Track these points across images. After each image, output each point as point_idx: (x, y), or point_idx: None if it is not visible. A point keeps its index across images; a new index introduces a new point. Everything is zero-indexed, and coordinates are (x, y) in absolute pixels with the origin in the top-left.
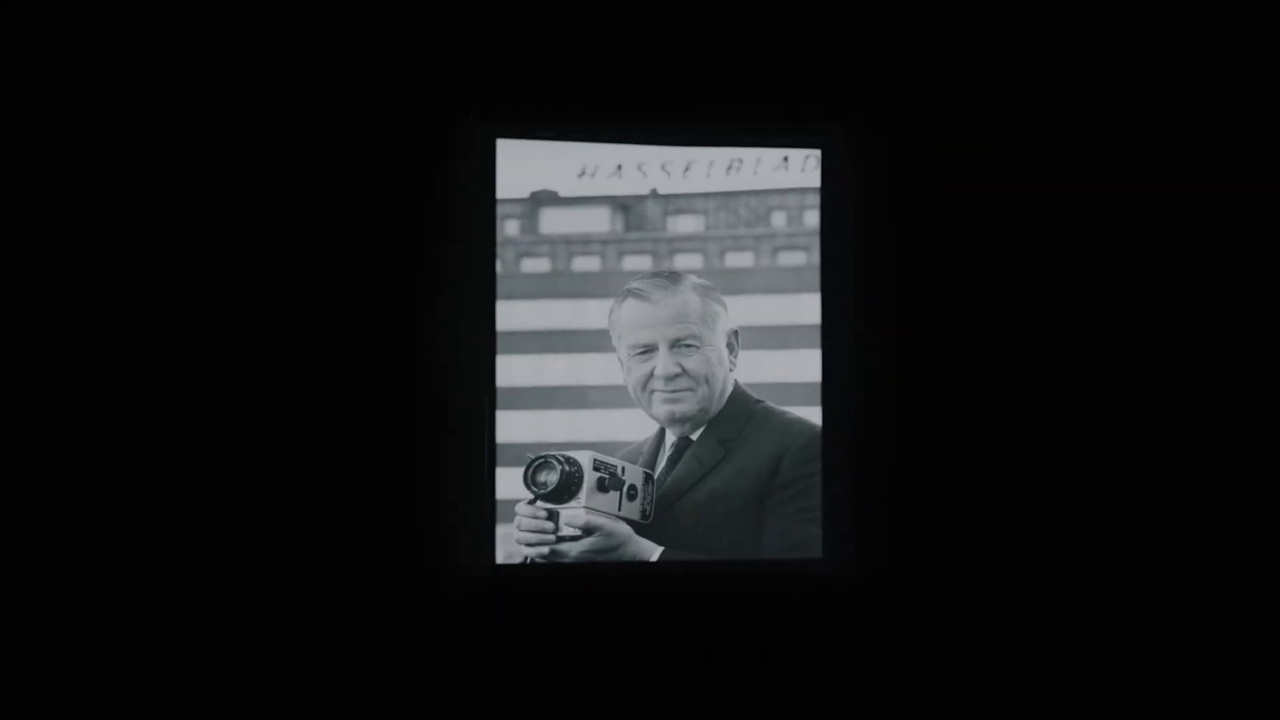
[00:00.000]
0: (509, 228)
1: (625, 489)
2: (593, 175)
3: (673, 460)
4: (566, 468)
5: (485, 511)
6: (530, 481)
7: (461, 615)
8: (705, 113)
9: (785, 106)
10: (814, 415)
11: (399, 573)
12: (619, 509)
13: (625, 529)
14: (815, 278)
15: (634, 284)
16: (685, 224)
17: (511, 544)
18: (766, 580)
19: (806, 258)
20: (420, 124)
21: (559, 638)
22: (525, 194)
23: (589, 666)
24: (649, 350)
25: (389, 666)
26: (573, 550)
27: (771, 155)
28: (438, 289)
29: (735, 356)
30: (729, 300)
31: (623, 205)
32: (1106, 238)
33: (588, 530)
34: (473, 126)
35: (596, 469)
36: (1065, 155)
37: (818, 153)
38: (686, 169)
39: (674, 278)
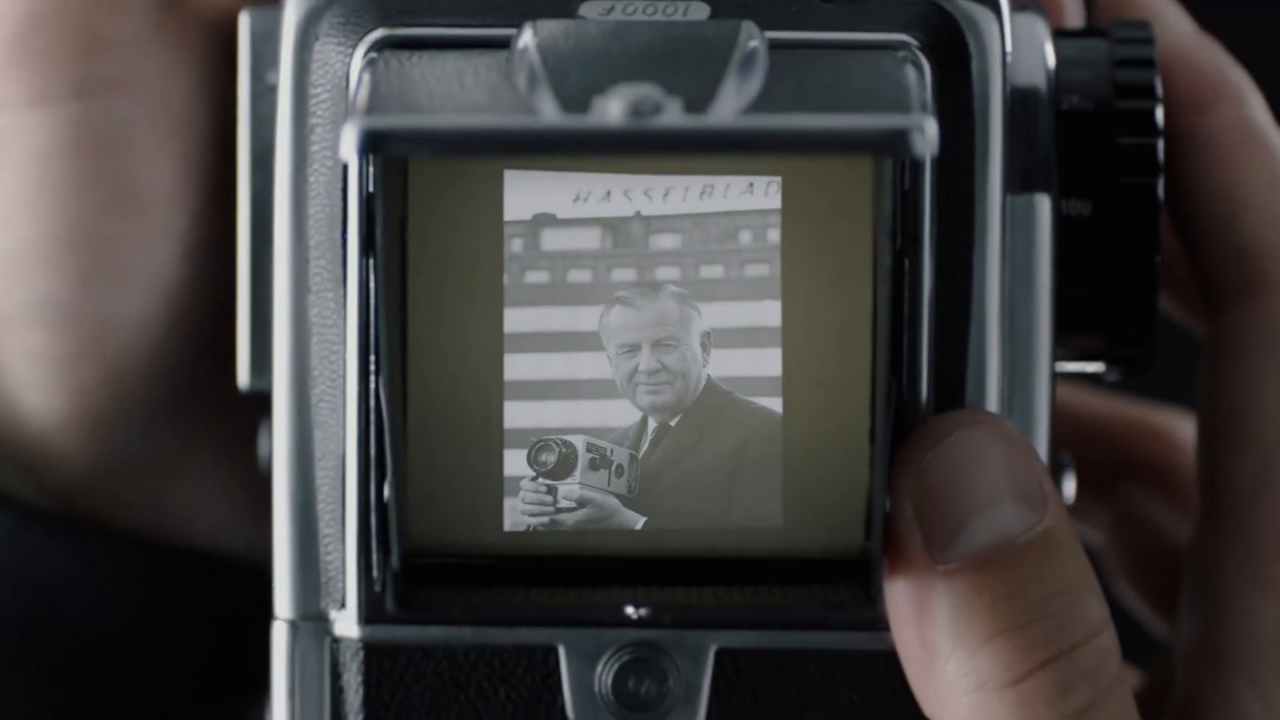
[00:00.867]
0: (514, 246)
1: (613, 467)
2: (585, 200)
3: (654, 443)
4: (563, 449)
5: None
6: (532, 461)
7: None
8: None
9: None
10: (775, 405)
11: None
12: (608, 485)
13: (614, 502)
14: (777, 287)
15: (620, 293)
16: (664, 241)
17: (517, 514)
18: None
19: (769, 269)
20: None
21: None
22: (528, 216)
23: None
24: (634, 349)
25: None
26: (568, 520)
27: (739, 181)
28: None
29: (708, 355)
30: (702, 306)
31: (611, 225)
32: None
33: (581, 503)
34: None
35: (589, 451)
36: None
37: (779, 179)
38: (665, 194)
39: (655, 287)
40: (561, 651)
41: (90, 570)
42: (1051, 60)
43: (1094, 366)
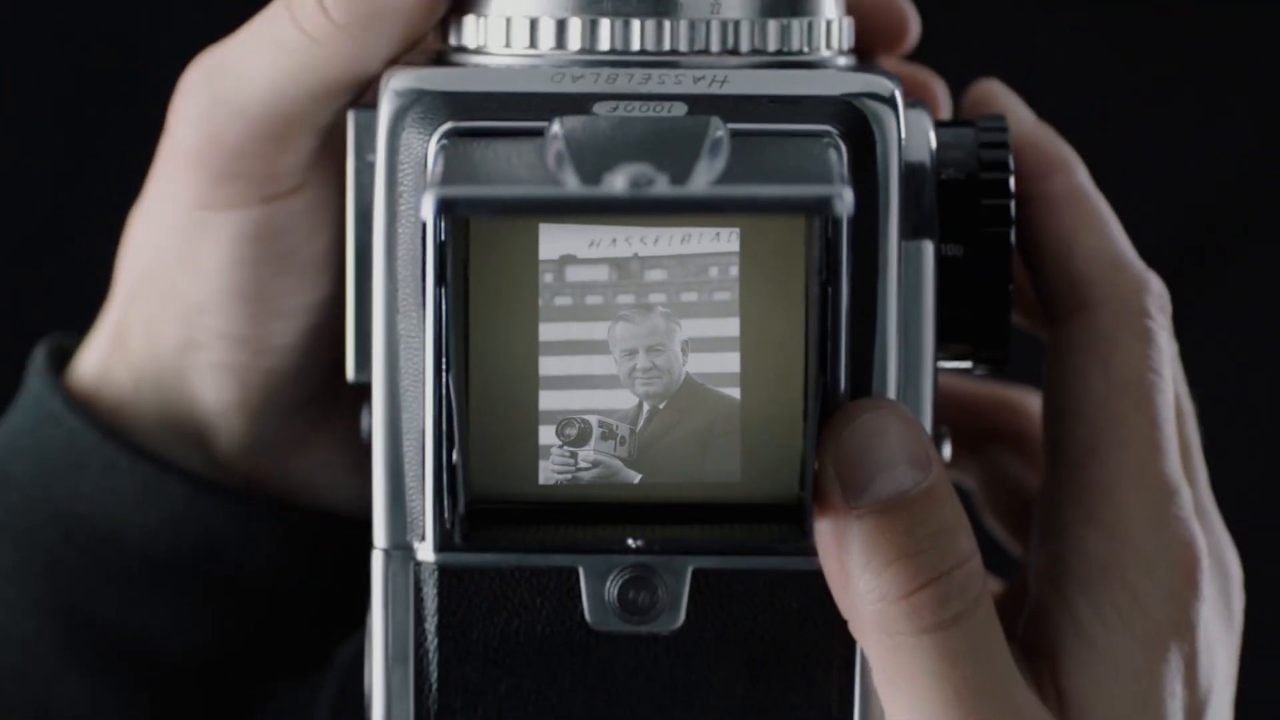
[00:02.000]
0: (547, 278)
1: (618, 439)
2: (598, 245)
3: (647, 421)
4: (582, 425)
5: None
6: (560, 434)
7: None
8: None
9: None
10: (734, 393)
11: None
12: (614, 451)
13: (618, 464)
14: (736, 308)
15: (623, 312)
16: (654, 274)
17: (548, 472)
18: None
19: (730, 295)
20: None
21: None
22: (556, 256)
23: None
24: (633, 353)
25: None
26: (585, 476)
27: (709, 231)
28: None
29: (686, 357)
30: (682, 322)
31: (616, 264)
32: None
33: (595, 464)
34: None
35: (600, 426)
36: None
37: (738, 229)
38: (655, 240)
39: (648, 308)
40: (580, 572)
41: (244, 522)
42: (933, 143)
43: (965, 365)
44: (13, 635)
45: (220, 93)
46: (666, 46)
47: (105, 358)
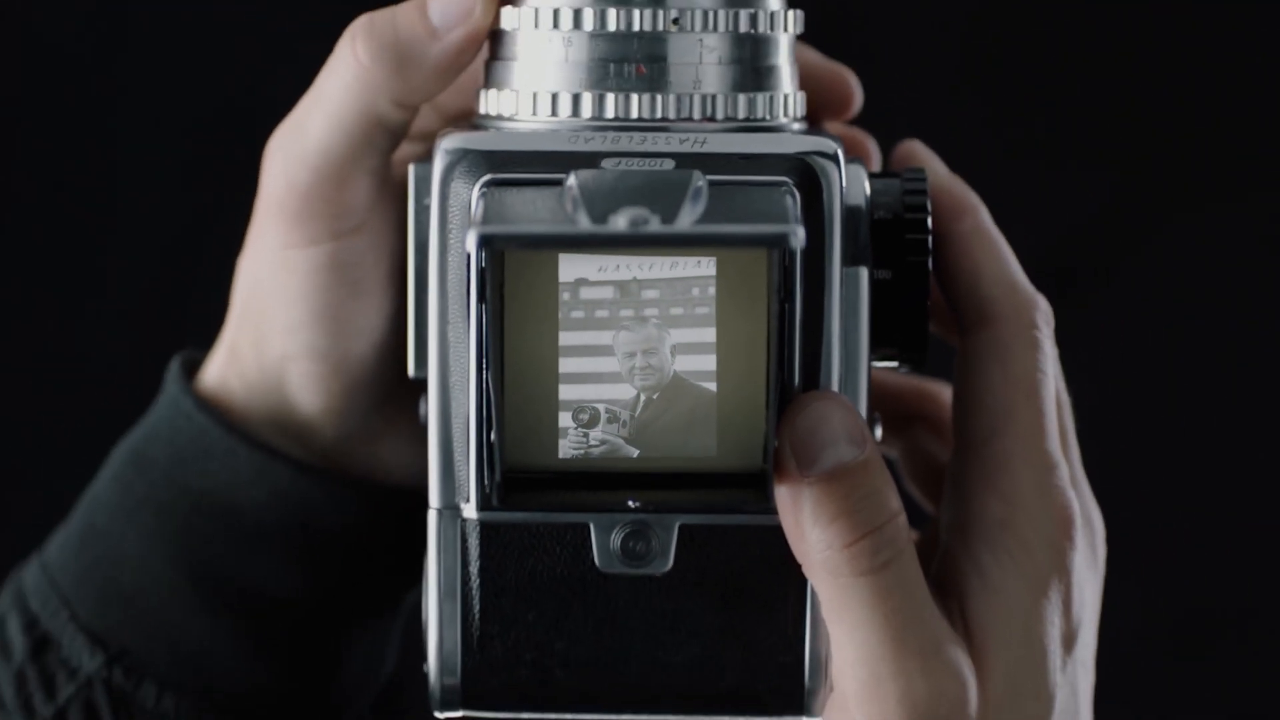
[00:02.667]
0: (565, 296)
1: (621, 422)
2: (605, 270)
3: (644, 409)
4: (593, 411)
5: None
6: (575, 418)
7: None
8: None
9: None
10: (712, 387)
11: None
12: (618, 433)
13: (620, 442)
14: (713, 320)
15: (624, 323)
16: (649, 293)
17: (566, 449)
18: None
19: (708, 310)
20: None
21: None
22: (572, 279)
23: None
24: (632, 354)
25: None
26: (595, 452)
27: (692, 259)
28: None
29: (674, 358)
30: (671, 330)
31: (619, 285)
32: None
33: (602, 442)
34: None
35: (607, 412)
36: None
37: (715, 258)
38: (650, 266)
39: (644, 320)
40: (591, 526)
41: (332, 496)
42: (868, 190)
43: (892, 364)
44: (153, 585)
45: (290, 148)
46: (659, 115)
47: (223, 370)
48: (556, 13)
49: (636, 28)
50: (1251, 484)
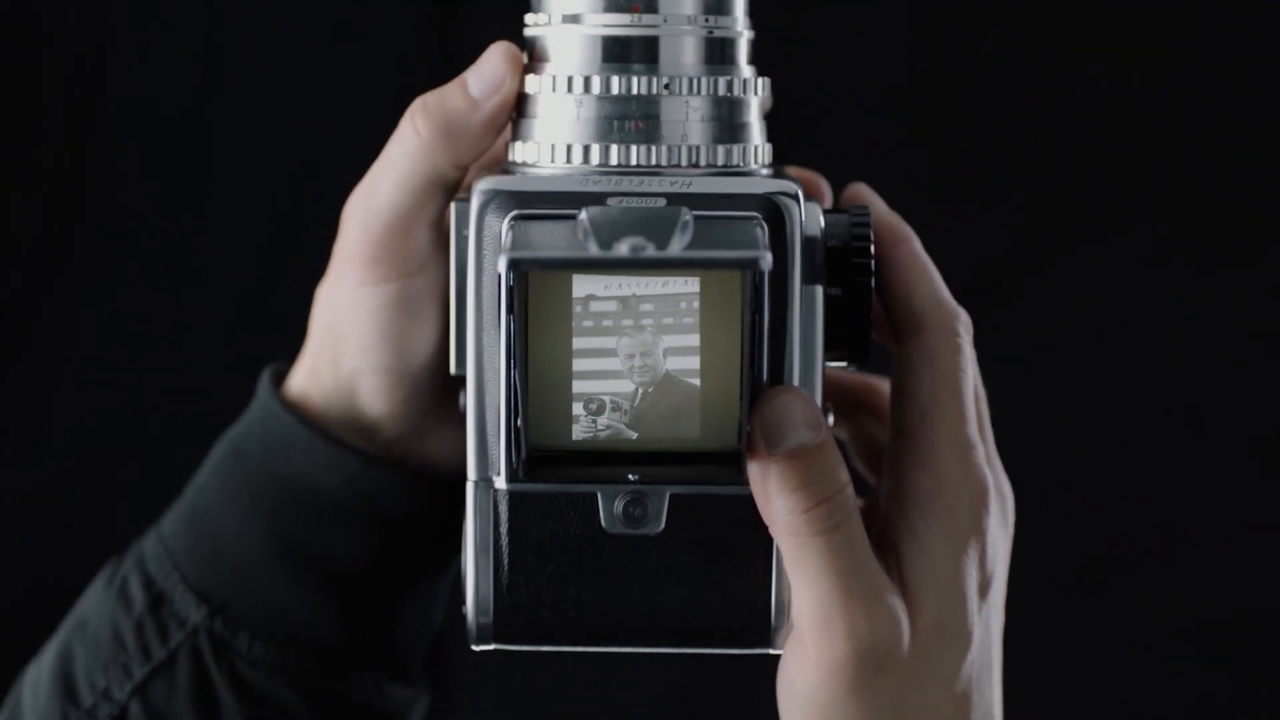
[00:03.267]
0: (577, 309)
1: (623, 410)
2: (610, 287)
3: (641, 400)
4: (599, 402)
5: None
6: (585, 407)
7: None
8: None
9: None
10: (696, 383)
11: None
12: (620, 419)
13: (622, 427)
14: (696, 327)
15: (625, 330)
16: (646, 306)
17: (579, 432)
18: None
19: (693, 320)
20: None
21: None
22: (584, 295)
23: None
24: (632, 355)
25: None
26: (602, 435)
27: (680, 279)
28: None
29: (665, 359)
30: (664, 336)
31: (621, 299)
32: None
33: (608, 427)
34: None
35: (612, 403)
36: None
37: (699, 278)
38: (646, 284)
39: (641, 327)
40: (598, 495)
41: (394, 481)
42: (822, 223)
43: (842, 364)
44: (247, 554)
45: (365, 204)
46: (653, 162)
47: (305, 381)
48: (570, 79)
49: (635, 91)
50: (1129, 454)
